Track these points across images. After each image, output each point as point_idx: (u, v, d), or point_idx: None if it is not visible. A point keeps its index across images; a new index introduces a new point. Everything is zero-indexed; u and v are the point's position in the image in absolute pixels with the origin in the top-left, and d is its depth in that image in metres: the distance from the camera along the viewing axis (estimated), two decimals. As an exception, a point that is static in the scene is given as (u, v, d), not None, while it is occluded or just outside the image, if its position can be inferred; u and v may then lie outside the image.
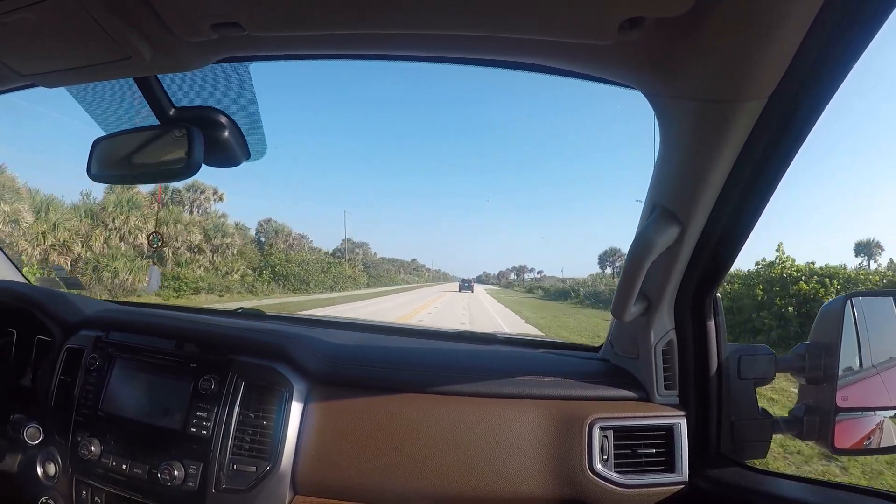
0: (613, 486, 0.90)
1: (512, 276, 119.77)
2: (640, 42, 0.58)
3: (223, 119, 0.87)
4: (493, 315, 16.85)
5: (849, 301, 0.90)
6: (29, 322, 1.20)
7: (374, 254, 60.25)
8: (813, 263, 10.17)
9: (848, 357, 0.89)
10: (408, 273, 78.61)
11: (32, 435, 1.03)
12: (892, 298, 0.97)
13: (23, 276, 1.53)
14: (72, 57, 0.71)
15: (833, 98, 0.61)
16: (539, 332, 11.35)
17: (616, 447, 0.93)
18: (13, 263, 1.50)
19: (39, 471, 1.03)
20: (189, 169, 0.84)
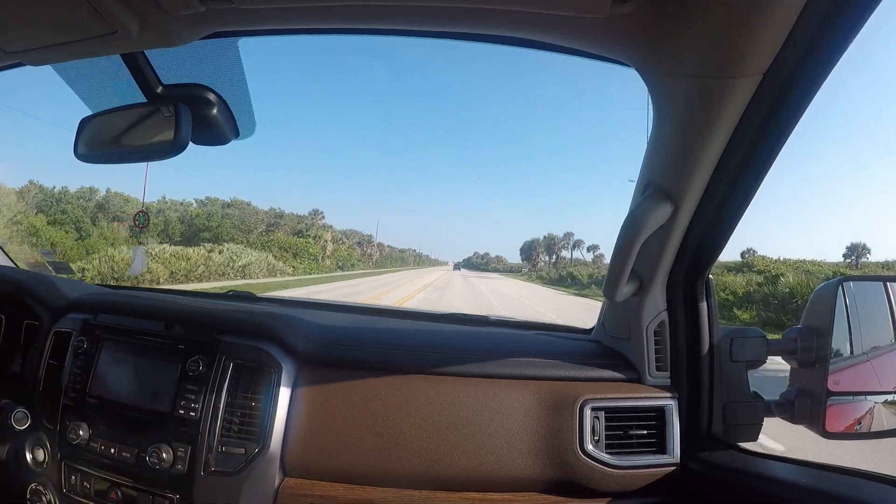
0: (605, 467, 0.90)
1: (546, 256, 70.99)
2: (634, 15, 0.57)
3: (211, 96, 0.86)
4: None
5: (841, 286, 0.90)
6: (17, 307, 1.19)
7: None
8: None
9: (839, 341, 0.89)
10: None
11: (20, 420, 1.02)
12: (881, 284, 0.97)
13: (11, 260, 1.51)
14: (58, 32, 0.69)
15: (829, 76, 0.61)
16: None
17: (607, 428, 0.93)
18: (1, 248, 1.48)
19: (28, 457, 1.02)
20: (177, 147, 0.83)
